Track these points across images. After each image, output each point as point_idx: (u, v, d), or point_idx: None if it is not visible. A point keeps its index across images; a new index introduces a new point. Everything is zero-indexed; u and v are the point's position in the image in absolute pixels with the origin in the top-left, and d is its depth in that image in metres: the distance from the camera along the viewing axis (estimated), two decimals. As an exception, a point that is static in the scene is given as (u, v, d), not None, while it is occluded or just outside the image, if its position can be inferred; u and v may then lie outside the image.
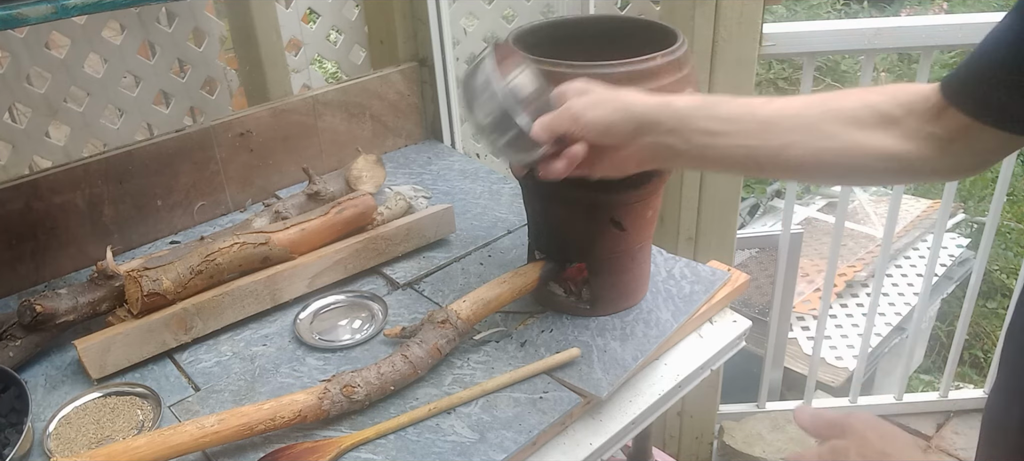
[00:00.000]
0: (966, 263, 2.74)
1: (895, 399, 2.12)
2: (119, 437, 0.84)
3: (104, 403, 0.90)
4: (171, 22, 1.43)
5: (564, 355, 0.93)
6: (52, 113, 1.31)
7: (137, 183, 1.19)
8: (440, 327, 0.92)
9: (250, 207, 1.33)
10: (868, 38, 1.55)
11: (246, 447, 0.83)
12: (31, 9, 0.84)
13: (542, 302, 1.04)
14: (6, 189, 1.08)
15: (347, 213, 1.11)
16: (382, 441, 0.84)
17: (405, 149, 1.53)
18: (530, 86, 0.80)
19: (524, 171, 0.84)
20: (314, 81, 1.60)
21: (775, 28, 1.57)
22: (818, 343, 1.99)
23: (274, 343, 1.00)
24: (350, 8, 1.55)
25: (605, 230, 0.95)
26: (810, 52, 1.62)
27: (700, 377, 1.04)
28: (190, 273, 0.98)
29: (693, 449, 1.99)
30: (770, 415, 2.08)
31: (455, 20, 1.57)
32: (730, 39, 1.48)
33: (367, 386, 0.86)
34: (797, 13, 4.34)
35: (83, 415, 0.88)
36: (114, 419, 0.88)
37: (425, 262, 1.15)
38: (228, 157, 1.28)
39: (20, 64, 1.26)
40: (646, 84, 0.84)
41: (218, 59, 1.51)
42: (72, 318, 0.96)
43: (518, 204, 1.28)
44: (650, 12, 1.58)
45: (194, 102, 1.49)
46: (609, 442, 0.92)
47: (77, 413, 0.89)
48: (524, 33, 0.96)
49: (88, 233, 1.16)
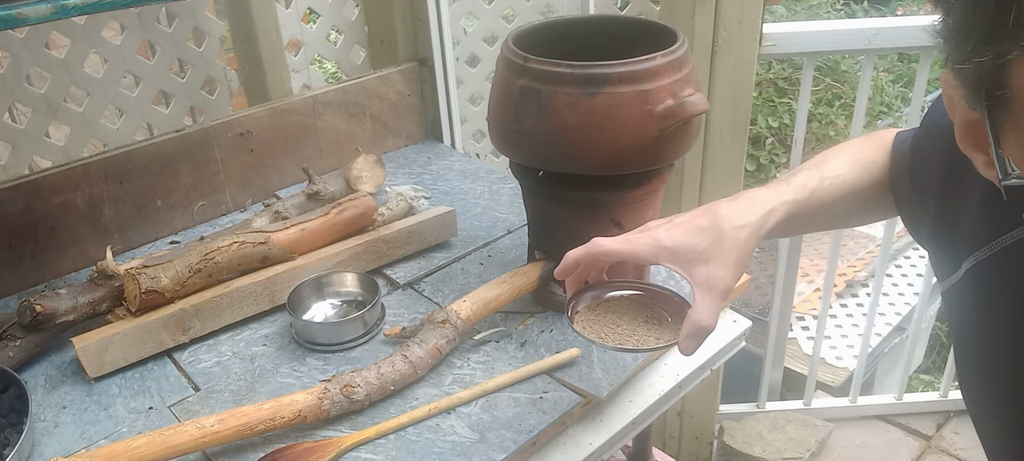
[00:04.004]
0: (966, 263, 2.73)
1: (895, 399, 2.12)
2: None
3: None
4: (171, 22, 1.43)
5: (564, 355, 0.93)
6: (52, 113, 1.31)
7: (137, 183, 1.19)
8: (440, 327, 0.92)
9: (250, 207, 1.33)
10: (868, 38, 1.55)
11: (246, 447, 0.83)
12: (31, 9, 0.84)
13: (542, 302, 1.04)
14: (6, 189, 1.08)
15: (347, 213, 1.11)
16: (382, 441, 0.84)
17: (405, 149, 1.53)
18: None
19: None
20: (314, 81, 1.60)
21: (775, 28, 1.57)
22: (818, 343, 1.99)
23: (274, 343, 1.00)
24: (350, 8, 1.55)
25: (605, 230, 0.95)
26: (810, 52, 1.62)
27: (700, 377, 1.04)
28: (189, 271, 0.97)
29: (693, 449, 1.99)
30: (770, 415, 2.08)
31: (455, 20, 1.57)
32: (730, 39, 1.48)
33: (367, 386, 0.86)
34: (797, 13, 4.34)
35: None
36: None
37: (425, 262, 1.15)
38: (228, 157, 1.28)
39: (20, 64, 1.26)
40: (646, 84, 0.84)
41: (218, 59, 1.50)
42: (72, 318, 0.96)
43: (518, 204, 1.28)
44: (650, 12, 1.58)
45: (194, 102, 1.49)
46: (609, 442, 0.92)
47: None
48: (524, 33, 0.96)
49: (88, 233, 1.16)
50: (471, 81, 1.67)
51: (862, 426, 2.12)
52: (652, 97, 0.84)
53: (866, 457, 2.03)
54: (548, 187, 0.96)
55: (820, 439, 2.02)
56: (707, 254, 0.68)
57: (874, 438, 2.09)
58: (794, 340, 2.43)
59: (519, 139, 0.91)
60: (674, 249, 0.69)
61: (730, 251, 0.68)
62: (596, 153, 0.86)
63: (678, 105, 0.84)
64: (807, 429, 2.05)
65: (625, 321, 0.76)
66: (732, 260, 0.68)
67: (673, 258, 0.69)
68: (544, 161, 0.92)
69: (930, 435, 2.08)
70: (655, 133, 0.85)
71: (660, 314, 0.77)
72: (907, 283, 2.68)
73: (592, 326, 0.75)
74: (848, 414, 2.12)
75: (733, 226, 0.68)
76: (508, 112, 0.90)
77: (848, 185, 0.75)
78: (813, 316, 2.48)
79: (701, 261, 0.68)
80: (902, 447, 2.05)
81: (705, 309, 0.67)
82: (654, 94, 0.84)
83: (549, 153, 0.89)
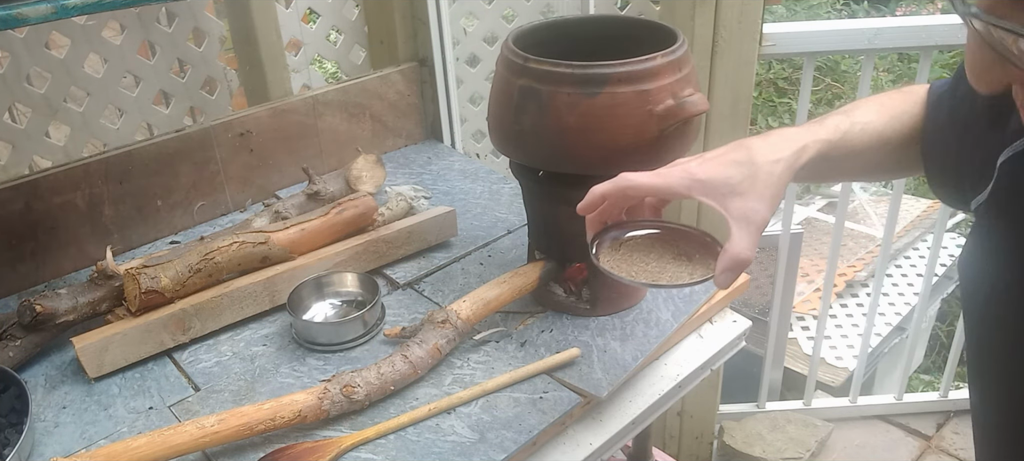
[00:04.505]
0: (966, 263, 2.73)
1: (895, 399, 2.12)
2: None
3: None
4: (171, 22, 1.43)
5: (564, 355, 0.93)
6: (52, 113, 1.31)
7: (137, 183, 1.19)
8: (440, 327, 0.92)
9: (250, 207, 1.33)
10: (868, 38, 1.55)
11: (246, 447, 0.83)
12: (31, 9, 0.84)
13: (542, 302, 1.04)
14: (6, 189, 1.08)
15: (347, 213, 1.11)
16: (382, 441, 0.84)
17: (405, 149, 1.53)
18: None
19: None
20: (314, 81, 1.60)
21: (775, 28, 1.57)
22: (818, 343, 1.99)
23: (274, 343, 1.00)
24: (350, 8, 1.55)
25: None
26: (810, 52, 1.62)
27: (700, 377, 1.04)
28: (189, 271, 0.97)
29: (693, 449, 1.99)
30: (770, 415, 2.08)
31: (455, 20, 1.57)
32: (730, 39, 1.48)
33: (367, 386, 0.86)
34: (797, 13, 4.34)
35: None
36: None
37: (425, 262, 1.15)
38: (228, 157, 1.28)
39: (20, 64, 1.26)
40: (646, 84, 0.84)
41: (218, 59, 1.50)
42: (72, 318, 0.96)
43: (518, 204, 1.28)
44: (650, 12, 1.58)
45: (194, 102, 1.49)
46: (609, 442, 0.92)
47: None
48: (524, 33, 0.96)
49: (88, 233, 1.16)
50: (471, 81, 1.67)
51: (862, 426, 2.12)
52: (652, 97, 0.84)
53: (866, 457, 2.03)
54: (548, 187, 0.96)
55: (820, 439, 2.02)
56: (742, 187, 0.66)
57: (874, 438, 2.09)
58: (794, 340, 2.43)
59: (519, 139, 0.91)
60: (708, 182, 0.67)
61: (766, 184, 0.66)
62: (596, 153, 0.86)
63: (678, 105, 0.84)
64: (807, 429, 2.05)
65: (652, 259, 0.73)
66: (769, 193, 0.66)
67: (707, 191, 0.67)
68: (544, 161, 0.92)
69: (930, 435, 2.08)
70: (655, 133, 0.85)
71: (687, 251, 0.74)
72: (907, 283, 2.68)
73: (619, 265, 0.72)
74: (848, 414, 2.12)
75: (768, 160, 0.67)
76: (508, 112, 0.90)
77: (878, 133, 0.73)
78: (813, 316, 2.48)
79: (736, 194, 0.66)
80: (902, 447, 2.05)
81: (743, 241, 0.65)
82: (654, 94, 0.84)
83: (549, 153, 0.89)
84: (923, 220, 2.90)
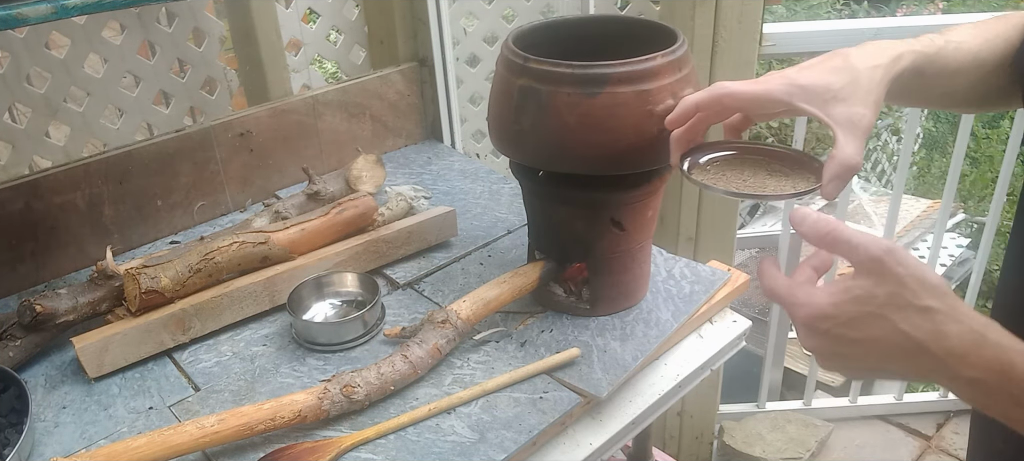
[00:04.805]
0: (966, 263, 2.74)
1: (895, 399, 2.12)
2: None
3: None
4: (171, 22, 1.43)
5: (564, 355, 0.93)
6: (52, 113, 1.31)
7: (137, 183, 1.19)
8: (440, 327, 0.92)
9: (250, 207, 1.33)
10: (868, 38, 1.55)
11: (246, 447, 0.83)
12: (31, 9, 0.84)
13: (542, 302, 1.04)
14: (6, 189, 1.08)
15: (348, 213, 1.11)
16: (382, 441, 0.84)
17: (405, 149, 1.53)
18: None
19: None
20: (314, 81, 1.60)
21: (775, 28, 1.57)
22: (818, 343, 1.98)
23: (274, 343, 1.00)
24: (350, 8, 1.55)
25: (605, 230, 0.95)
26: (810, 52, 1.61)
27: (700, 377, 1.04)
28: (189, 271, 0.98)
29: (693, 449, 1.99)
30: (770, 415, 2.08)
31: (455, 20, 1.57)
32: (730, 39, 1.48)
33: (367, 386, 0.86)
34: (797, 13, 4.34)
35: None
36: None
37: (425, 262, 1.15)
38: (228, 157, 1.28)
39: (20, 64, 1.26)
40: (646, 84, 0.84)
41: (218, 59, 1.50)
42: (72, 318, 0.96)
43: (518, 204, 1.28)
44: (650, 12, 1.58)
45: (194, 102, 1.49)
46: (609, 442, 0.92)
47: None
48: (524, 33, 0.96)
49: (88, 233, 1.16)
50: (471, 81, 1.67)
51: (862, 426, 2.12)
52: (652, 97, 0.84)
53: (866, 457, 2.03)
54: (548, 187, 0.96)
55: (820, 439, 2.02)
56: (845, 92, 0.65)
57: (874, 438, 2.09)
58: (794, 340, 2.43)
59: (519, 139, 0.91)
60: (810, 88, 0.66)
61: (868, 89, 0.66)
62: (596, 153, 0.86)
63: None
64: (807, 429, 2.05)
65: (747, 175, 0.70)
66: (871, 98, 0.65)
67: (809, 97, 0.66)
68: (544, 161, 0.92)
69: (930, 435, 2.08)
70: (655, 133, 0.85)
71: (781, 169, 0.72)
72: (907, 283, 2.67)
73: (715, 181, 0.69)
74: (848, 414, 2.13)
75: (867, 66, 0.66)
76: (508, 112, 0.90)
77: (973, 53, 0.72)
78: (813, 316, 2.47)
79: (839, 100, 0.65)
80: (902, 447, 2.05)
81: (850, 147, 0.64)
82: (654, 94, 0.84)
83: (549, 153, 0.89)
84: (923, 220, 2.90)
